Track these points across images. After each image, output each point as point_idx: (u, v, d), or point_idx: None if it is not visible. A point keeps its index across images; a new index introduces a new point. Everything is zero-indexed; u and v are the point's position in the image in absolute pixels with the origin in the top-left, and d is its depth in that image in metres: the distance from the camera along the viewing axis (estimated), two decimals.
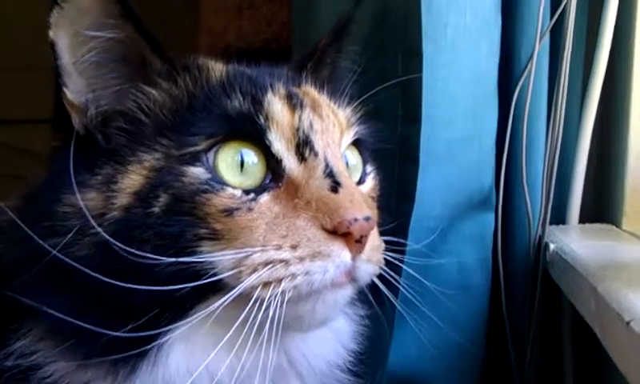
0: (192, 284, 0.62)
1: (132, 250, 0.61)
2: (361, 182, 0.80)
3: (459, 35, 1.02)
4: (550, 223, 1.08)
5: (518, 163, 1.05)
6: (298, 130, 0.70)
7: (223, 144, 0.67)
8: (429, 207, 1.04)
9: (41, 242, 0.62)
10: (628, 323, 0.66)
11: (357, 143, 0.80)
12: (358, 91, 0.84)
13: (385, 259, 0.73)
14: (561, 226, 1.11)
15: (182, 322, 0.64)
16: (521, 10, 1.08)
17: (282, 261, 0.64)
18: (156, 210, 0.64)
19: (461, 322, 1.06)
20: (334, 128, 0.74)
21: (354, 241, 0.65)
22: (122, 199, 0.65)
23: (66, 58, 0.67)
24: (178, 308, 0.64)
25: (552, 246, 1.00)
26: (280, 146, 0.69)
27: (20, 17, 2.22)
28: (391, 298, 0.75)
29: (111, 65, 0.69)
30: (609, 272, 0.81)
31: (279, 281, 0.63)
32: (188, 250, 0.63)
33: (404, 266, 0.79)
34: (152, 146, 0.67)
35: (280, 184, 0.68)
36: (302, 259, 0.64)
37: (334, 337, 0.78)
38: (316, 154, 0.70)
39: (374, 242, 0.69)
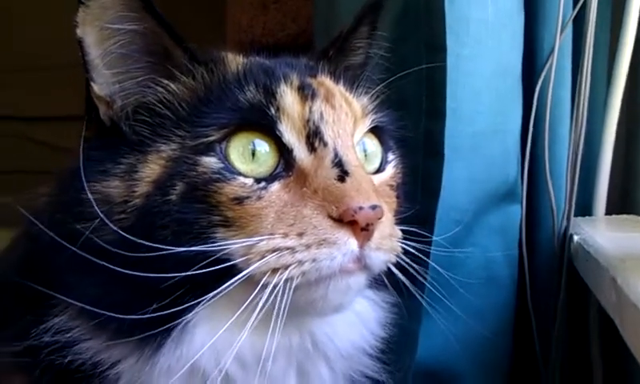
0: (205, 270, 0.67)
1: (141, 242, 0.66)
2: (380, 169, 0.83)
3: (482, 29, 1.04)
4: (577, 215, 1.10)
5: (542, 155, 1.06)
6: (308, 120, 0.74)
7: (235, 134, 0.72)
8: (454, 200, 1.06)
9: (75, 224, 0.68)
10: None
11: (376, 131, 0.83)
12: (381, 81, 0.87)
13: (404, 249, 0.75)
14: (587, 217, 1.13)
15: (202, 303, 0.68)
16: (543, 1, 1.10)
17: (288, 248, 0.68)
18: (173, 197, 0.69)
19: (487, 314, 1.09)
20: (346, 118, 0.77)
21: (360, 229, 0.68)
22: (142, 187, 0.70)
23: (92, 53, 0.72)
24: (197, 289, 0.68)
25: (576, 238, 1.02)
26: (291, 136, 0.73)
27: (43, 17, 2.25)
28: (411, 289, 0.78)
29: (135, 56, 0.73)
30: (629, 263, 0.83)
31: (286, 267, 0.67)
32: (203, 235, 0.68)
33: (429, 259, 0.82)
34: (169, 137, 0.72)
35: (290, 173, 0.72)
36: (308, 246, 0.67)
37: (359, 321, 0.81)
38: (325, 144, 0.74)
39: (384, 229, 0.71)
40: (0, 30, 2.50)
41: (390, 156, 0.84)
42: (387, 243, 0.72)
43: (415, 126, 1.05)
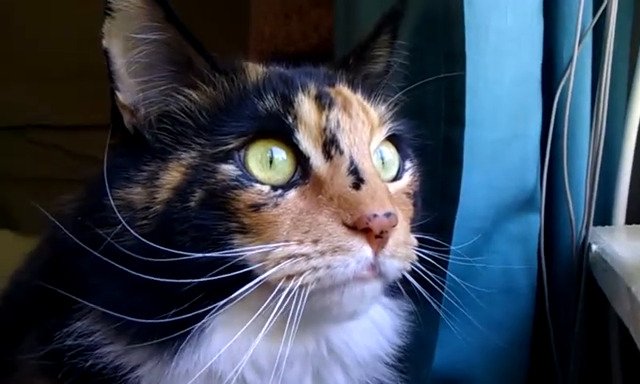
0: (223, 276, 0.68)
1: (159, 247, 0.68)
2: (398, 177, 0.83)
3: (501, 37, 1.04)
4: (596, 224, 1.10)
5: (561, 163, 1.06)
6: (325, 129, 0.75)
7: (253, 142, 0.73)
8: (473, 208, 1.06)
9: (98, 230, 0.71)
10: None
11: (394, 139, 0.84)
12: (400, 90, 0.88)
13: (419, 257, 0.76)
14: (606, 226, 1.13)
15: (219, 308, 0.69)
16: (562, 10, 1.11)
17: (303, 255, 0.68)
18: (192, 204, 0.71)
19: (505, 324, 1.09)
20: (363, 126, 0.78)
21: (374, 236, 0.69)
22: (163, 194, 0.72)
23: (118, 62, 0.75)
24: (215, 294, 0.69)
25: (594, 247, 1.02)
26: (308, 144, 0.74)
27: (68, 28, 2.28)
28: (427, 297, 0.78)
29: (158, 65, 0.76)
30: None
31: (301, 274, 0.68)
32: (221, 242, 0.70)
33: (446, 267, 0.82)
34: (190, 145, 0.74)
35: (307, 181, 0.73)
36: (322, 253, 0.68)
37: (376, 329, 0.82)
38: (342, 152, 0.74)
39: (399, 237, 0.72)
40: (32, 40, 2.53)
41: (408, 164, 0.85)
42: (402, 251, 0.72)
43: (434, 134, 1.06)
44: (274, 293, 0.68)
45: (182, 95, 0.76)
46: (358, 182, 0.72)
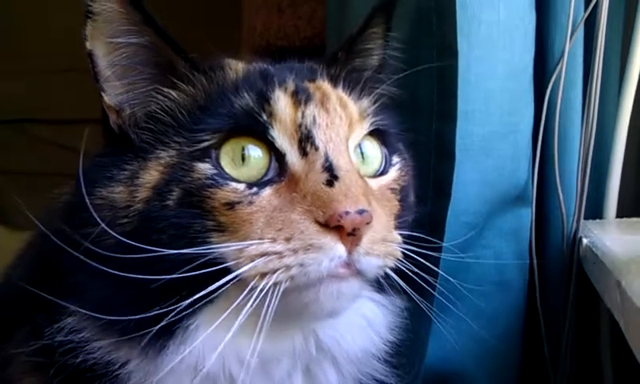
0: (199, 272, 0.68)
1: (135, 244, 0.68)
2: (383, 172, 0.83)
3: (493, 31, 1.04)
4: (588, 218, 1.12)
5: (552, 157, 1.07)
6: (300, 125, 0.75)
7: (228, 140, 0.74)
8: (465, 202, 1.07)
9: (81, 229, 0.71)
10: None
11: (378, 133, 0.83)
12: (392, 84, 0.89)
13: (405, 253, 0.75)
14: (597, 220, 1.15)
15: (198, 305, 0.69)
16: (554, 2, 1.12)
17: (276, 253, 0.69)
18: (170, 203, 0.72)
19: (498, 318, 1.11)
20: (340, 121, 0.78)
21: (347, 234, 0.68)
22: (143, 193, 0.73)
23: (101, 64, 0.76)
24: (195, 292, 0.69)
25: (585, 241, 1.03)
26: (283, 141, 0.74)
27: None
28: (411, 294, 0.78)
29: (140, 67, 0.77)
30: (635, 266, 0.85)
31: (274, 271, 0.68)
32: (198, 240, 0.70)
33: (435, 264, 0.81)
34: (169, 144, 0.75)
35: (283, 178, 0.74)
36: (295, 251, 0.68)
37: (369, 325, 0.82)
38: (317, 149, 0.74)
39: (375, 235, 0.71)
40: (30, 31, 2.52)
41: (395, 159, 0.85)
42: (380, 248, 0.72)
43: (427, 128, 1.07)
44: (246, 290, 0.68)
45: (162, 95, 0.77)
46: (332, 178, 0.72)
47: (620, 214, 1.14)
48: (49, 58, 2.45)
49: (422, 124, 1.06)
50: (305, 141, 0.74)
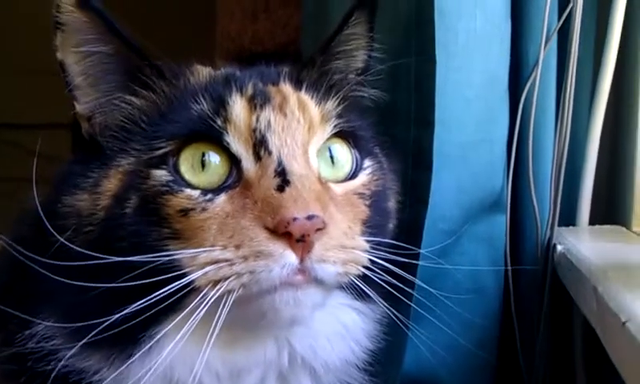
0: (155, 279, 0.67)
1: (89, 253, 0.68)
2: (353, 176, 0.81)
3: (470, 40, 1.06)
4: (561, 225, 1.14)
5: (526, 165, 1.09)
6: (255, 130, 0.75)
7: (187, 146, 0.74)
8: (442, 209, 1.07)
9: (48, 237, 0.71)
10: (624, 324, 0.69)
11: (347, 136, 0.82)
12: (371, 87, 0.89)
13: (372, 261, 0.74)
14: (571, 227, 1.16)
15: (165, 314, 0.69)
16: (528, 12, 1.13)
17: (226, 260, 0.68)
18: (128, 210, 0.72)
19: (473, 324, 1.11)
20: (298, 125, 0.77)
21: (295, 240, 0.67)
22: (104, 201, 0.73)
23: (72, 73, 0.77)
24: (158, 302, 0.68)
25: (559, 248, 1.05)
26: (239, 146, 0.74)
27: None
28: (377, 301, 0.77)
29: (108, 76, 0.77)
30: (611, 273, 0.86)
31: (226, 279, 0.67)
32: (156, 247, 0.70)
33: (407, 271, 0.80)
34: (128, 152, 0.75)
35: (237, 184, 0.73)
36: (245, 258, 0.68)
37: (347, 333, 0.82)
38: (270, 153, 0.74)
39: (330, 241, 0.70)
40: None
41: (367, 162, 0.83)
42: (337, 255, 0.71)
43: (405, 135, 1.07)
44: (198, 298, 0.68)
45: (125, 102, 0.77)
46: (283, 184, 0.71)
47: (592, 221, 1.15)
48: (13, 61, 2.43)
49: (399, 131, 1.07)
50: (259, 145, 0.73)
